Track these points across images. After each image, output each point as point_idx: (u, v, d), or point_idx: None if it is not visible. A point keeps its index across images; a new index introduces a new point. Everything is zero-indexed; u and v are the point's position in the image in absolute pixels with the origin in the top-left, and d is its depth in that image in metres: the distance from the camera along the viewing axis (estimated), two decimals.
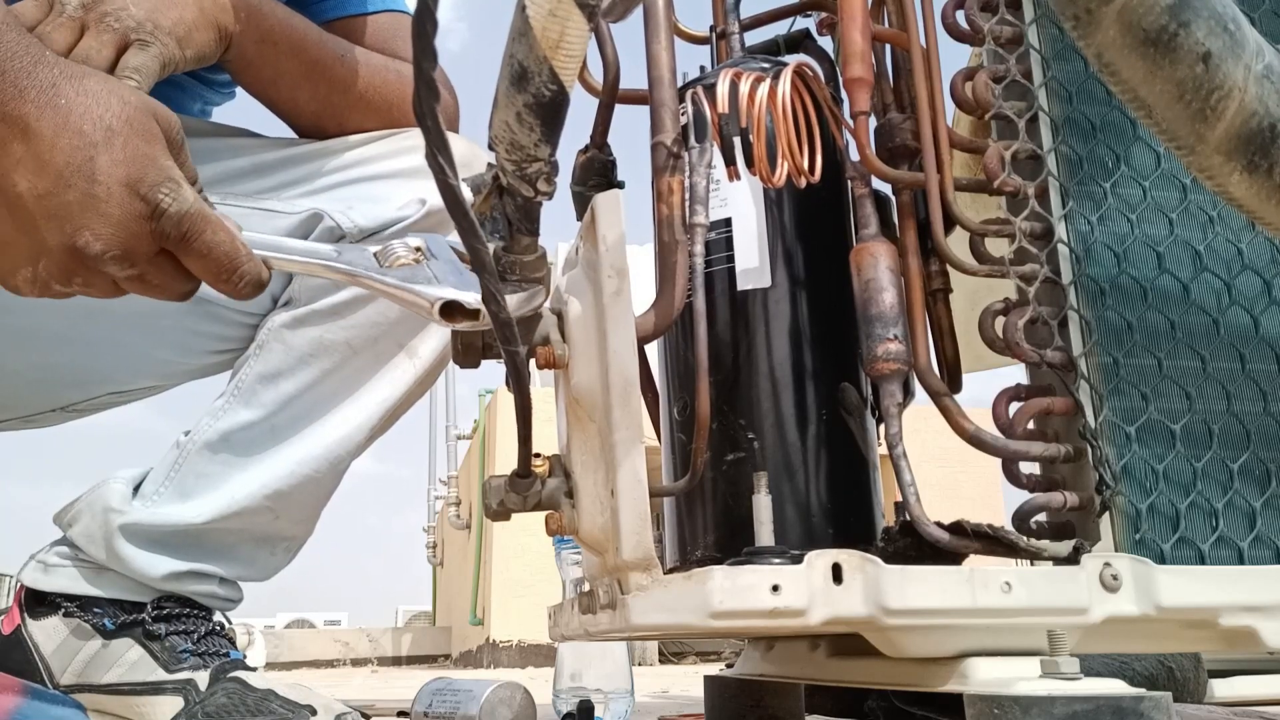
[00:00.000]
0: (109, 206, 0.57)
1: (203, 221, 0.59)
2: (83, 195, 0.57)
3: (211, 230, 0.59)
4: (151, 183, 0.58)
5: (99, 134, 0.58)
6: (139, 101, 0.61)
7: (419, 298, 0.56)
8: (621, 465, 0.54)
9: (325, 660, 6.23)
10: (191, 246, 0.60)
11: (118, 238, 0.58)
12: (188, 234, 0.59)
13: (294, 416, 0.96)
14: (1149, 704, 0.48)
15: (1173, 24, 0.48)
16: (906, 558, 0.64)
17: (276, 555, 0.99)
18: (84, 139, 0.58)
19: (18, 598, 0.97)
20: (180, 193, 0.59)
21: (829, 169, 0.75)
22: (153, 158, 0.59)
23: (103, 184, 0.57)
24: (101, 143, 0.58)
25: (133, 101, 0.60)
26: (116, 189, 0.57)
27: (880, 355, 0.67)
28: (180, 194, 0.59)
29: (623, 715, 1.15)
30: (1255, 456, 0.67)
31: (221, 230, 0.60)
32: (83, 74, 0.61)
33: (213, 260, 0.60)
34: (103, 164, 0.58)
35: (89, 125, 0.58)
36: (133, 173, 0.58)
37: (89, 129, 0.58)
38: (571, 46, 0.44)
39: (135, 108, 0.60)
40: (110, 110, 0.59)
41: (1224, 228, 0.72)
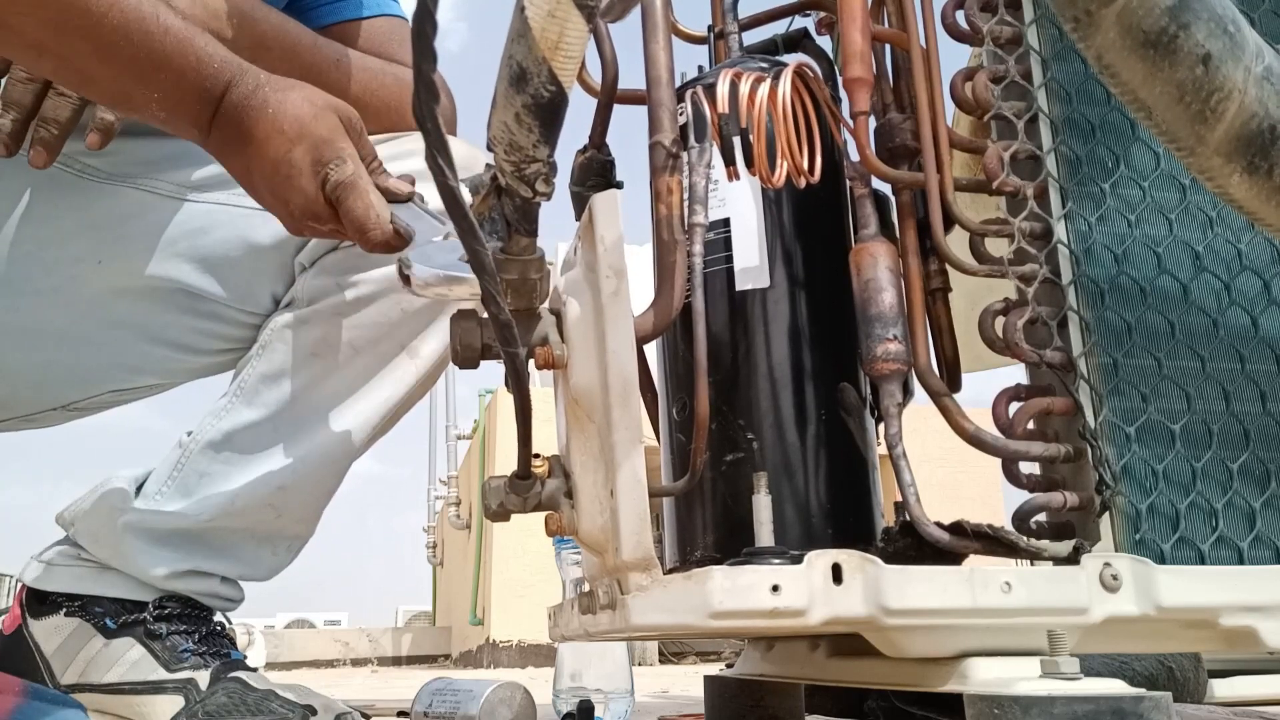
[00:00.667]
0: (302, 181, 0.76)
1: (347, 190, 0.76)
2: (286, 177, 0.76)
3: (353, 199, 0.76)
4: (325, 160, 0.76)
5: (294, 129, 0.76)
6: (324, 102, 0.78)
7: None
8: (621, 465, 0.54)
9: (325, 660, 6.23)
10: (340, 208, 0.76)
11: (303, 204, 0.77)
12: (339, 198, 0.76)
13: (296, 416, 0.96)
14: (1149, 704, 0.48)
15: (1173, 26, 0.48)
16: (906, 558, 0.64)
17: (278, 555, 0.99)
18: (284, 137, 0.76)
19: (19, 597, 0.97)
20: (343, 167, 0.76)
21: (828, 169, 0.75)
22: (330, 141, 0.76)
23: (298, 167, 0.76)
24: (296, 136, 0.76)
25: (319, 103, 0.78)
26: (306, 169, 0.76)
27: (880, 355, 0.67)
28: (342, 168, 0.76)
29: (623, 715, 1.15)
30: (1255, 456, 0.67)
31: (360, 200, 0.76)
32: (287, 85, 0.78)
33: (349, 221, 0.76)
34: (298, 153, 0.76)
35: (288, 125, 0.76)
36: (316, 155, 0.76)
37: (288, 127, 0.76)
38: (570, 47, 0.44)
39: (320, 107, 0.78)
40: (302, 111, 0.76)
41: (1223, 228, 0.72)
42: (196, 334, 1.00)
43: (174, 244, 0.95)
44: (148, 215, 0.94)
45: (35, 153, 0.82)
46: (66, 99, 0.81)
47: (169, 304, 0.97)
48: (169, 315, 0.98)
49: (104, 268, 0.94)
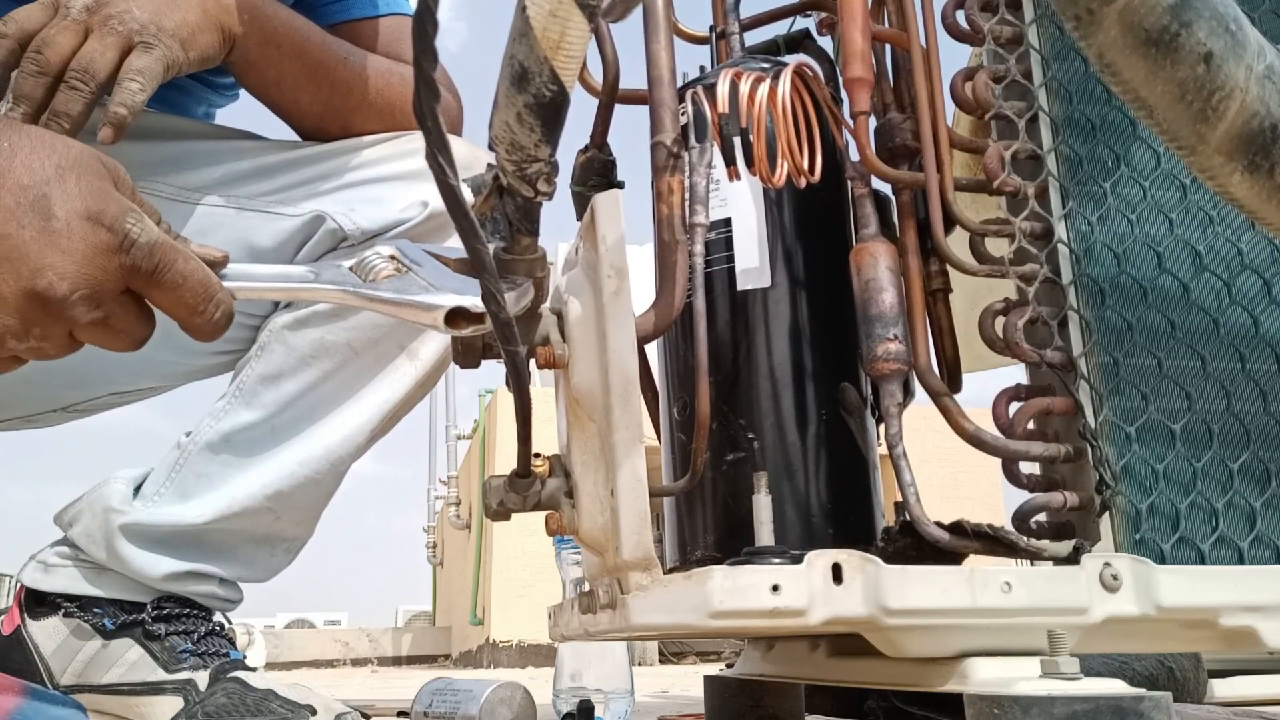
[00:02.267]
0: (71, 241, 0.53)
1: (174, 251, 0.55)
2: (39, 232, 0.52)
3: (183, 260, 0.56)
4: (115, 214, 0.54)
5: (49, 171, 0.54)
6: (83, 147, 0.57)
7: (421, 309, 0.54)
8: (621, 465, 0.54)
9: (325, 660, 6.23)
10: (164, 279, 0.55)
11: (85, 274, 0.53)
12: (159, 264, 0.55)
13: (295, 417, 0.96)
14: (1149, 704, 0.48)
15: (1174, 24, 0.48)
16: (906, 558, 0.64)
17: (277, 556, 0.99)
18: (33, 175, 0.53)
19: (18, 598, 0.97)
20: (145, 223, 0.55)
21: (829, 169, 0.75)
22: (108, 192, 0.55)
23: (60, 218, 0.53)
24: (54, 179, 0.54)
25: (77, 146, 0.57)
26: (77, 222, 0.53)
27: (880, 355, 0.67)
28: (145, 224, 0.55)
29: (623, 715, 1.15)
30: (1255, 456, 0.67)
31: (193, 260, 0.56)
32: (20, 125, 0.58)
33: (187, 291, 0.56)
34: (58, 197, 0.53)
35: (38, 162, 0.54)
36: (92, 205, 0.54)
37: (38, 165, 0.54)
38: (572, 47, 0.44)
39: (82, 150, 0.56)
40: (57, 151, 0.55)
41: (1224, 227, 0.72)
42: None
43: None
44: None
45: None
46: (78, 92, 0.81)
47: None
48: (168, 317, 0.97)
49: None
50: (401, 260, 0.57)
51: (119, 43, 0.77)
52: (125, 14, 0.77)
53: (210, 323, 0.57)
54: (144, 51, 0.78)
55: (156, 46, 0.78)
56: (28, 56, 0.80)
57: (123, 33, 0.77)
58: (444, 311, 0.53)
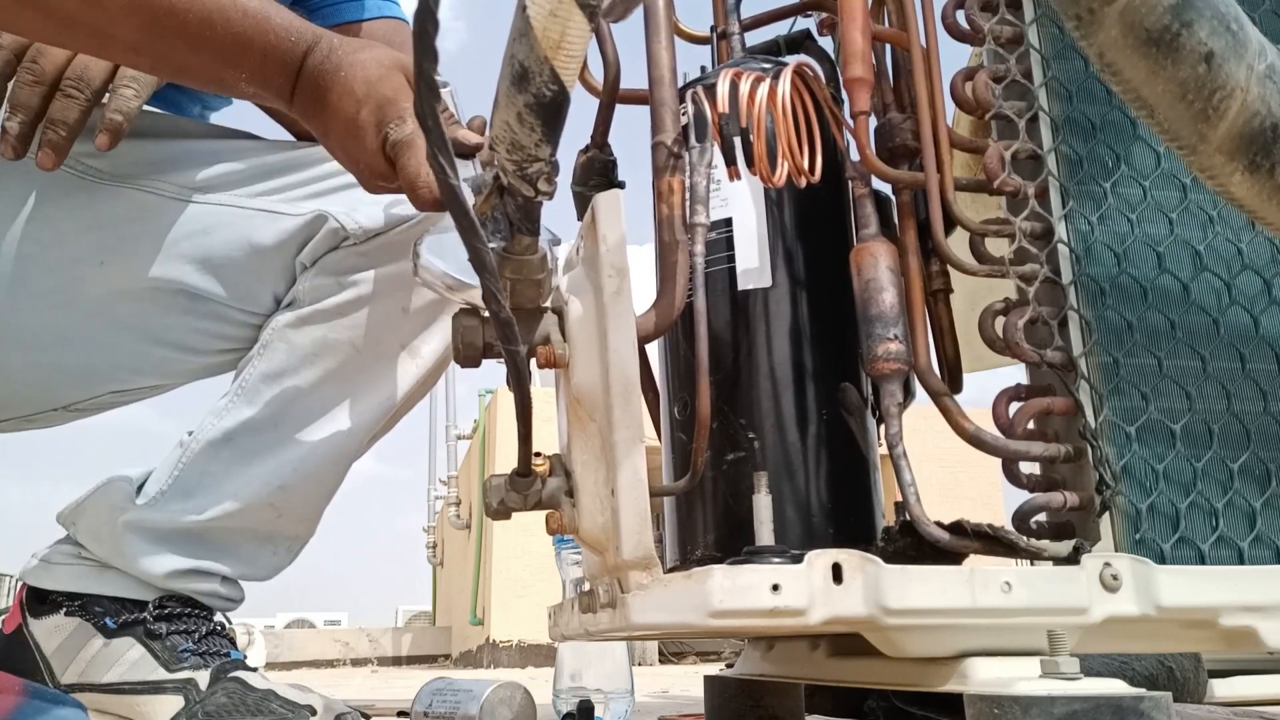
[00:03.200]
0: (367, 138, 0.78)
1: (405, 149, 0.77)
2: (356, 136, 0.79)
3: (406, 157, 0.77)
4: (387, 119, 0.78)
5: (363, 90, 0.78)
6: (391, 61, 0.80)
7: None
8: (622, 465, 0.54)
9: (325, 660, 6.23)
10: (398, 164, 0.78)
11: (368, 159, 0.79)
12: (397, 155, 0.77)
13: (297, 415, 0.96)
14: (1149, 704, 0.48)
15: (1175, 24, 0.48)
16: (906, 557, 0.64)
17: (279, 554, 0.99)
18: (354, 99, 0.78)
19: (20, 596, 0.97)
20: (402, 126, 0.77)
21: (829, 169, 0.75)
22: (394, 101, 0.78)
23: (364, 127, 0.78)
24: (364, 97, 0.78)
25: (386, 63, 0.79)
26: (370, 129, 0.78)
27: (880, 355, 0.67)
28: (401, 127, 0.77)
29: (623, 715, 1.15)
30: (1255, 456, 0.67)
31: (414, 157, 0.77)
32: (358, 46, 0.80)
33: (403, 179, 0.77)
34: (365, 113, 0.78)
35: (358, 85, 0.78)
36: (380, 115, 0.78)
37: (358, 88, 0.78)
38: (572, 47, 0.44)
39: (388, 67, 0.79)
40: (370, 72, 0.78)
41: (1224, 227, 0.72)
42: (198, 335, 1.00)
43: (176, 245, 0.95)
44: (150, 216, 0.94)
45: (44, 155, 0.82)
46: (74, 100, 0.81)
47: (171, 305, 0.97)
48: (171, 316, 0.98)
49: (106, 269, 0.94)
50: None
51: None
52: None
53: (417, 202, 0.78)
54: None
55: None
56: (23, 66, 0.80)
57: None
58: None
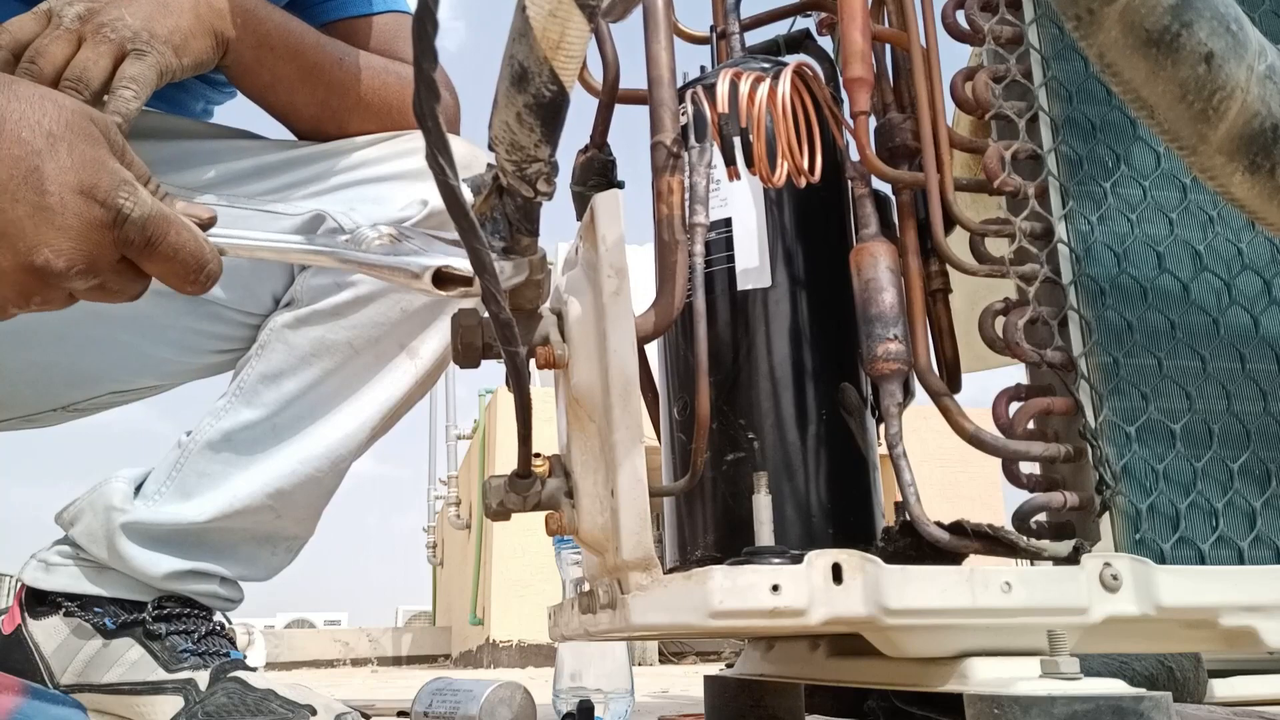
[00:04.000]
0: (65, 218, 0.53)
1: (166, 223, 0.56)
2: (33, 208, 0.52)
3: (175, 231, 0.56)
4: (108, 188, 0.54)
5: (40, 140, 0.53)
6: (74, 105, 0.56)
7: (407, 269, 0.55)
8: (621, 465, 0.54)
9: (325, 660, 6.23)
10: (156, 251, 0.56)
11: (80, 250, 0.54)
12: (152, 238, 0.56)
13: (296, 416, 0.96)
14: (1149, 704, 0.48)
15: (1175, 24, 0.48)
16: (906, 558, 0.64)
17: (278, 555, 0.99)
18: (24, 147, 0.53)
19: (19, 597, 0.97)
20: (138, 195, 0.56)
21: (829, 169, 0.75)
22: (102, 161, 0.55)
23: (54, 194, 0.53)
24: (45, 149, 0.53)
25: (68, 105, 0.56)
26: (70, 197, 0.53)
27: (880, 355, 0.67)
28: (139, 196, 0.55)
29: (623, 715, 1.15)
30: (1255, 456, 0.67)
31: (184, 229, 0.57)
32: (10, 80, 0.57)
33: (179, 263, 0.57)
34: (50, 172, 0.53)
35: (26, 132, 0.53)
36: (85, 179, 0.54)
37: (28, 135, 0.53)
38: (572, 47, 0.44)
39: (72, 110, 0.55)
40: (47, 115, 0.54)
41: (1224, 227, 0.72)
42: (196, 335, 1.00)
43: None
44: None
45: None
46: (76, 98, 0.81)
47: (169, 305, 0.97)
48: (169, 316, 0.98)
49: None
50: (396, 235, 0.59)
51: (112, 51, 0.76)
52: (118, 22, 0.77)
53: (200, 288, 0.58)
54: (137, 59, 0.78)
55: (149, 53, 0.78)
56: (21, 66, 0.80)
57: (115, 40, 0.77)
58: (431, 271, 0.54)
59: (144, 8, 0.79)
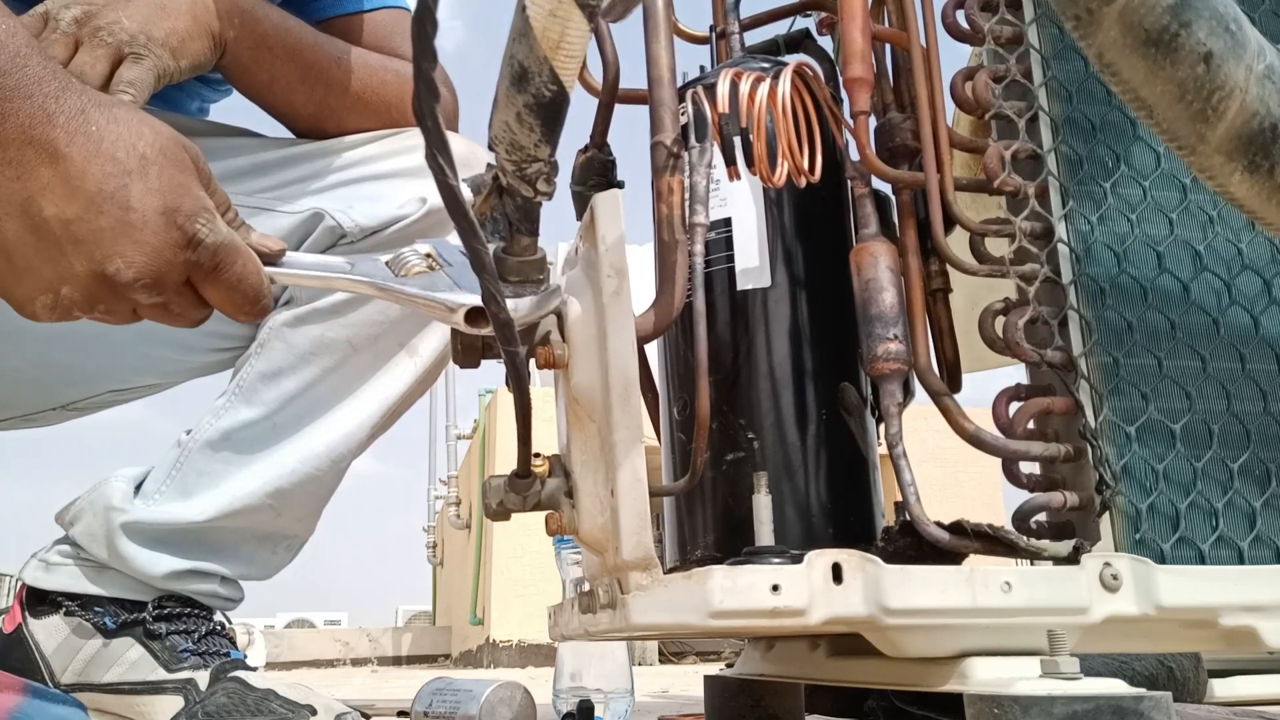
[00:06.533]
0: (144, 234, 0.57)
1: (234, 254, 0.59)
2: (116, 221, 0.56)
3: (242, 262, 0.60)
4: (188, 212, 0.58)
5: (133, 161, 0.57)
6: (170, 132, 0.60)
7: (443, 306, 0.56)
8: (621, 465, 0.54)
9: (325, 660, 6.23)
10: (221, 278, 0.59)
11: (151, 266, 0.57)
12: (220, 265, 0.59)
13: (295, 414, 0.96)
14: (1149, 704, 0.48)
15: (1174, 24, 0.48)
16: (906, 557, 0.64)
17: (278, 554, 0.99)
18: (117, 165, 0.57)
19: (19, 596, 0.97)
20: (215, 224, 0.59)
21: (829, 169, 0.75)
22: (187, 187, 0.59)
23: (138, 211, 0.57)
24: (136, 170, 0.57)
25: (164, 132, 0.60)
26: (153, 216, 0.57)
27: (880, 355, 0.67)
28: (215, 225, 0.59)
29: (623, 715, 1.15)
30: (1255, 456, 0.67)
31: (250, 262, 0.60)
32: (112, 102, 0.60)
33: (239, 293, 0.60)
34: (137, 191, 0.57)
35: (122, 152, 0.57)
36: (169, 201, 0.57)
37: (122, 156, 0.57)
38: (572, 47, 0.44)
39: (168, 137, 0.59)
40: (143, 139, 0.58)
41: (1224, 227, 0.72)
42: (196, 333, 1.00)
43: None
44: None
45: None
46: None
47: None
48: None
49: None
50: (436, 259, 0.60)
51: (109, 54, 0.76)
52: (115, 25, 0.77)
53: (251, 319, 0.62)
54: (135, 62, 0.78)
55: (147, 57, 0.78)
56: None
57: (113, 44, 0.77)
58: (465, 310, 0.56)
59: (141, 10, 0.79)
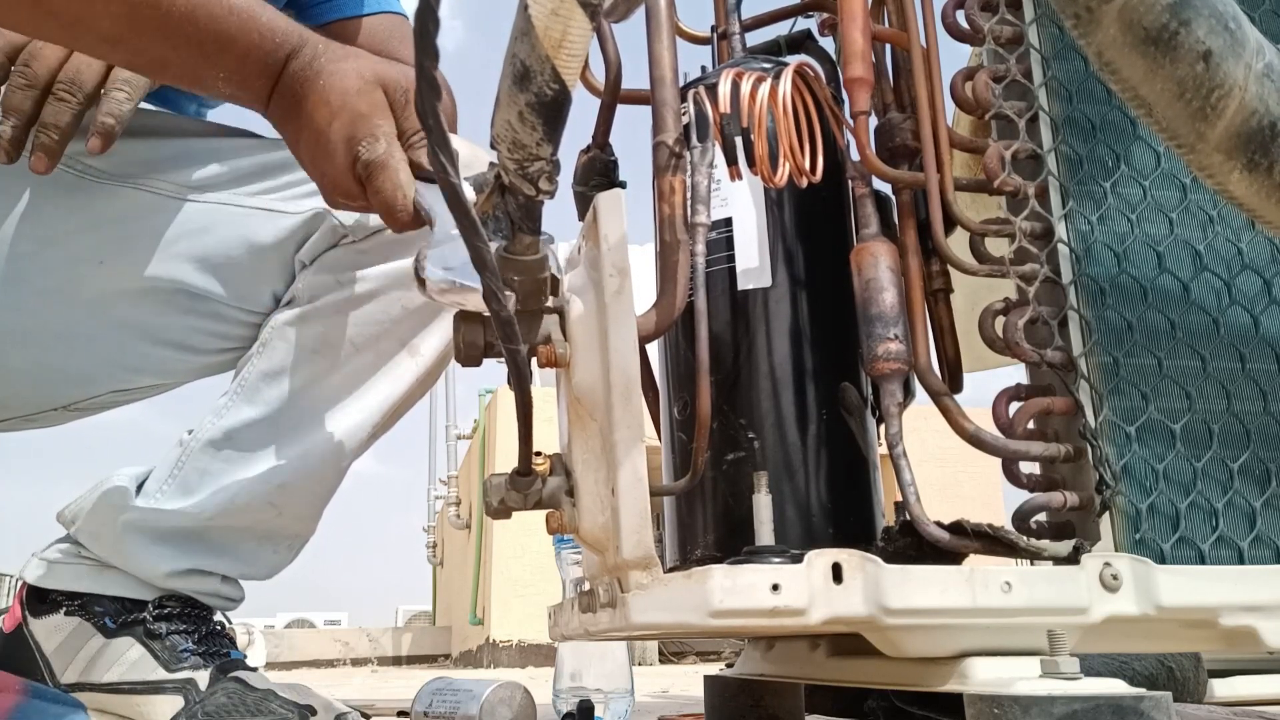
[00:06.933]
0: (336, 157, 0.76)
1: (380, 170, 0.74)
2: (325, 145, 0.76)
3: (381, 179, 0.74)
4: (358, 138, 0.75)
5: (338, 102, 0.75)
6: (372, 74, 0.77)
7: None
8: (622, 464, 0.54)
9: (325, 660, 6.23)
10: (371, 186, 0.75)
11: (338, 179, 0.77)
12: (370, 177, 0.75)
13: (297, 414, 0.96)
14: (1149, 704, 0.48)
15: (1173, 22, 0.48)
16: (906, 557, 0.64)
17: (279, 553, 0.99)
18: (329, 108, 0.75)
19: (20, 595, 0.97)
20: (374, 146, 0.74)
21: (830, 169, 0.75)
22: (367, 117, 0.75)
23: (334, 141, 0.75)
24: (338, 109, 0.75)
25: (367, 75, 0.77)
26: (340, 144, 0.75)
27: (880, 355, 0.67)
28: (374, 146, 0.74)
29: (623, 715, 1.15)
30: (1255, 456, 0.67)
31: (389, 180, 0.74)
32: (343, 55, 0.77)
33: (377, 200, 0.75)
34: (336, 126, 0.75)
35: (334, 96, 0.75)
36: (351, 132, 0.75)
37: (334, 99, 0.75)
38: (574, 46, 0.44)
39: (368, 80, 0.76)
40: (349, 84, 0.76)
41: (1224, 227, 0.72)
42: (197, 334, 1.00)
43: (175, 244, 0.95)
44: (148, 215, 0.94)
45: (36, 159, 0.82)
46: (66, 104, 0.81)
47: (170, 304, 0.97)
48: (170, 315, 0.98)
49: (105, 268, 0.94)
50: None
51: None
52: None
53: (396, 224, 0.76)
54: None
55: None
56: (15, 70, 0.80)
57: None
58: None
59: None
